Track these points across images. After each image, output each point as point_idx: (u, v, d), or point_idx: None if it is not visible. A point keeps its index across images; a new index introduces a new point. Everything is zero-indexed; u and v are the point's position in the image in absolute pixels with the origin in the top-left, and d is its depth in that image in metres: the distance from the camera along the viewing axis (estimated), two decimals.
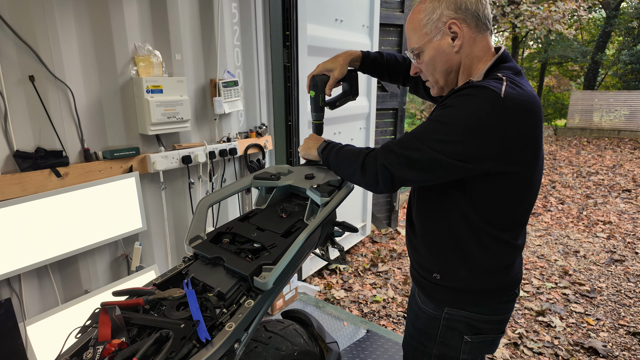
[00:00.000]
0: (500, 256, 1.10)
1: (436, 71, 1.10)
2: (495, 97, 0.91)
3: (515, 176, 1.00)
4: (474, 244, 1.08)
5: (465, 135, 0.93)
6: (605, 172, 7.57)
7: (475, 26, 1.03)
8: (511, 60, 1.05)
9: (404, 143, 1.01)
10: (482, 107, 0.92)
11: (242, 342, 0.95)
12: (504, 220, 1.07)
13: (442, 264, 1.15)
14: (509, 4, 11.06)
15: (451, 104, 0.97)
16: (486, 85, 0.93)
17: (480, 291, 1.12)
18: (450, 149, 0.95)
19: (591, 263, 3.87)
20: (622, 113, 11.67)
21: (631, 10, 14.71)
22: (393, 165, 1.02)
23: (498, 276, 1.12)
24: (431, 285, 1.18)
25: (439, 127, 0.97)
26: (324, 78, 1.36)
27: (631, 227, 4.79)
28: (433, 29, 1.05)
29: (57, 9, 1.62)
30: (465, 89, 0.97)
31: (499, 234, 1.07)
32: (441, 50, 1.06)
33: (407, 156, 1.00)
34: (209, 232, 1.22)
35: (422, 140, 0.98)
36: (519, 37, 15.83)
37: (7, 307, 1.58)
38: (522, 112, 0.93)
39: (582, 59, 16.25)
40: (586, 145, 10.74)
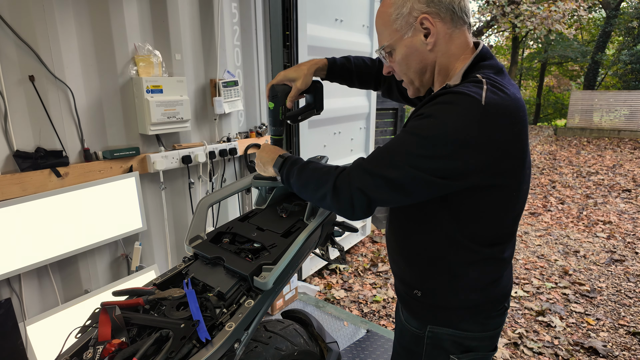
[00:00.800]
0: (486, 272, 1.02)
1: (410, 71, 1.00)
2: (475, 105, 0.82)
3: (502, 188, 0.92)
4: (456, 262, 1.00)
5: (446, 149, 0.83)
6: (605, 172, 7.57)
7: (450, 21, 0.92)
8: (491, 57, 0.96)
9: (379, 161, 0.89)
10: (462, 117, 0.82)
11: (242, 342, 0.95)
12: (489, 235, 0.98)
13: (422, 280, 1.06)
14: (509, 4, 11.07)
15: (429, 113, 0.86)
16: (465, 92, 0.84)
17: (465, 308, 1.04)
18: (432, 165, 0.84)
19: (591, 263, 3.87)
20: (622, 113, 11.67)
21: (631, 10, 14.71)
22: (369, 188, 0.89)
23: (484, 292, 1.03)
24: (413, 302, 1.09)
25: (418, 141, 0.85)
26: (285, 88, 1.21)
27: (631, 227, 4.79)
28: (404, 24, 0.94)
29: (57, 8, 1.62)
30: (442, 96, 0.87)
31: (484, 249, 0.98)
32: (414, 49, 0.96)
33: (385, 176, 0.87)
34: (209, 232, 1.22)
35: (400, 157, 0.87)
36: (519, 37, 15.84)
37: (7, 307, 1.58)
38: (506, 119, 0.84)
39: (582, 58, 16.26)
40: (586, 145, 10.74)
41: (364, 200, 0.91)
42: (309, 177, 1.00)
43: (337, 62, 1.30)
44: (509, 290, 1.10)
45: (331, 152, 3.37)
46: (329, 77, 1.33)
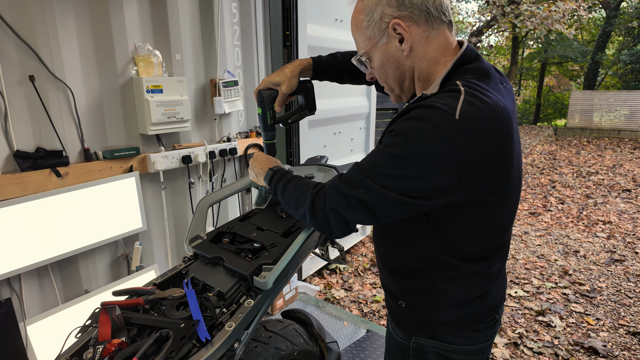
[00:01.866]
0: (470, 288, 0.97)
1: (388, 78, 0.96)
2: (448, 120, 0.76)
3: (483, 204, 0.87)
4: (440, 277, 0.95)
5: (418, 168, 0.79)
6: (605, 172, 7.57)
7: (425, 23, 0.86)
8: (477, 59, 0.88)
9: (351, 180, 0.86)
10: (434, 134, 0.77)
11: (242, 342, 0.95)
12: (472, 251, 0.94)
13: (405, 292, 1.03)
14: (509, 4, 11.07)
15: (399, 130, 0.81)
16: (437, 105, 0.78)
17: (449, 322, 0.99)
18: (404, 185, 0.80)
19: (591, 263, 3.87)
20: (622, 113, 11.67)
21: (631, 10, 14.71)
22: (343, 209, 0.86)
23: (468, 307, 0.98)
24: (398, 312, 1.06)
25: (388, 160, 0.81)
26: (271, 93, 1.21)
27: (631, 226, 4.79)
28: (376, 31, 0.89)
29: (57, 8, 1.62)
30: (414, 110, 0.81)
31: (466, 265, 0.94)
32: (389, 55, 0.91)
33: (356, 197, 0.84)
34: (209, 232, 1.22)
35: (371, 177, 0.83)
36: (519, 37, 15.83)
37: (7, 307, 1.58)
38: (483, 133, 0.78)
39: (582, 58, 16.26)
40: (586, 145, 10.75)
41: (339, 220, 0.89)
42: (290, 195, 0.99)
43: (322, 61, 1.28)
44: (500, 302, 1.05)
45: (331, 152, 3.37)
46: (316, 77, 1.31)
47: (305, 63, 1.25)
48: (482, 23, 13.84)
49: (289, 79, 1.19)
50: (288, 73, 1.20)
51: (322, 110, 3.01)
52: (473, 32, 13.92)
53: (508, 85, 0.92)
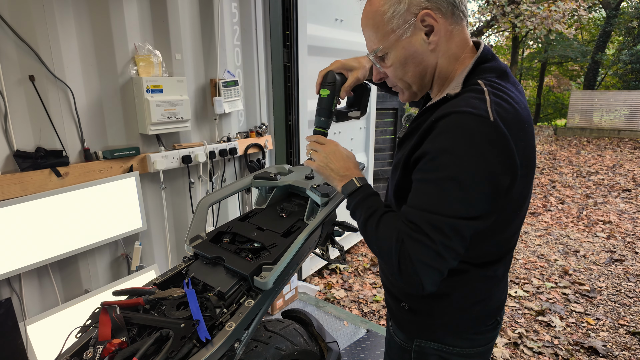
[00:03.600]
0: (474, 291, 0.96)
1: (407, 75, 0.89)
2: (486, 124, 0.73)
3: (518, 203, 0.85)
4: (445, 281, 0.90)
5: (482, 182, 0.75)
6: (605, 172, 7.57)
7: (451, 16, 0.82)
8: (493, 58, 0.87)
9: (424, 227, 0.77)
10: (477, 141, 0.73)
11: (242, 342, 0.95)
12: (483, 255, 0.91)
13: (408, 295, 1.01)
14: (509, 4, 11.07)
15: (440, 148, 0.76)
16: (468, 110, 0.74)
17: (452, 324, 0.98)
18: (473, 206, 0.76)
19: (591, 263, 3.87)
20: (622, 113, 11.67)
21: (631, 10, 14.71)
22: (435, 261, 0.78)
23: (474, 309, 0.97)
24: (400, 314, 1.04)
25: (446, 186, 0.75)
26: (343, 78, 1.12)
27: (631, 226, 4.79)
28: (401, 23, 0.82)
29: (57, 8, 1.62)
30: (443, 121, 0.77)
31: (475, 269, 0.92)
32: (413, 50, 0.85)
33: (442, 242, 0.76)
34: (209, 232, 1.22)
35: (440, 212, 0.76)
36: (519, 37, 15.84)
37: (7, 307, 1.58)
38: (514, 134, 0.76)
39: (582, 58, 16.26)
40: (586, 145, 10.74)
41: (435, 274, 0.79)
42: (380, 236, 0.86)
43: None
44: (502, 304, 1.04)
45: None
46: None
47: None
48: (482, 23, 13.84)
49: (364, 68, 1.12)
50: (364, 62, 1.13)
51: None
52: (473, 32, 13.92)
53: (519, 86, 0.90)
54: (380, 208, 0.91)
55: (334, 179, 1.00)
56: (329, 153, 1.02)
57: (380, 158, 4.52)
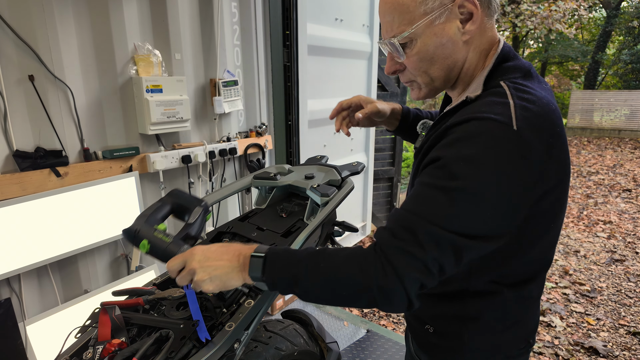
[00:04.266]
0: (510, 313, 0.86)
1: (433, 67, 0.79)
2: (508, 133, 0.65)
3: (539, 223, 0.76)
4: (475, 303, 0.85)
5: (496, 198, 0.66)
6: (606, 172, 7.57)
7: (488, 7, 0.75)
8: (516, 57, 0.78)
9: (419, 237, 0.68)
10: (501, 154, 0.65)
11: (242, 342, 0.95)
12: (516, 274, 0.83)
13: (433, 317, 0.92)
14: (509, 4, 11.07)
15: (454, 156, 0.68)
16: (490, 117, 0.67)
17: (483, 349, 0.90)
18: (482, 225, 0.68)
19: (591, 263, 3.87)
20: (623, 113, 11.67)
21: (631, 9, 14.70)
22: (427, 275, 0.69)
23: (507, 333, 0.89)
24: (423, 336, 0.96)
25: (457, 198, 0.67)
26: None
27: (631, 226, 4.78)
28: (436, 6, 0.73)
29: (56, 8, 1.62)
30: (461, 126, 0.70)
31: (508, 290, 0.83)
32: (446, 38, 0.75)
33: (434, 258, 0.68)
34: (209, 232, 1.22)
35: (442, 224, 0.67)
36: (519, 37, 15.83)
37: (6, 307, 1.58)
38: (547, 142, 0.68)
39: (583, 58, 16.25)
40: (587, 144, 10.74)
41: (417, 288, 0.70)
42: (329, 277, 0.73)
43: (410, 109, 1.17)
44: (536, 326, 0.95)
45: (331, 152, 3.36)
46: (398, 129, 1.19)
47: (396, 106, 1.16)
48: None
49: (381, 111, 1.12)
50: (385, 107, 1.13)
51: (322, 110, 3.01)
52: None
53: (547, 85, 0.82)
54: (313, 250, 0.77)
55: (232, 276, 0.77)
56: (200, 263, 0.77)
57: (380, 158, 4.51)
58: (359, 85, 3.60)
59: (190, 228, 0.86)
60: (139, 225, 0.81)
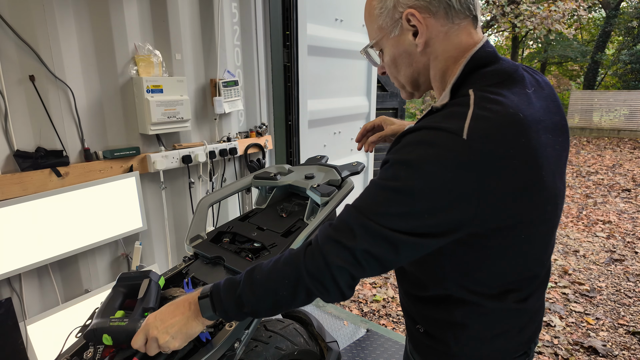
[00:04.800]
0: (498, 323, 0.85)
1: (400, 74, 0.85)
2: (455, 143, 0.65)
3: (505, 235, 0.74)
4: (459, 312, 0.84)
5: (428, 202, 0.67)
6: (605, 172, 7.57)
7: (444, 16, 0.75)
8: (497, 61, 0.76)
9: (351, 229, 0.72)
10: (442, 160, 0.66)
11: (242, 342, 0.95)
12: (494, 285, 0.81)
13: (425, 318, 0.91)
14: (508, 4, 11.07)
15: (399, 159, 0.71)
16: (441, 126, 0.68)
17: (474, 355, 0.88)
18: (414, 224, 0.69)
19: (591, 262, 3.88)
20: (622, 113, 11.67)
21: (631, 10, 14.71)
22: (354, 265, 0.71)
23: (497, 342, 0.87)
24: (416, 336, 0.95)
25: (392, 197, 0.69)
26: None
27: (631, 226, 4.79)
28: (389, 21, 0.78)
29: (57, 8, 1.62)
30: (412, 134, 0.71)
31: (491, 302, 0.82)
32: (402, 50, 0.80)
33: (363, 248, 0.70)
34: (209, 232, 1.22)
35: (375, 219, 0.70)
36: (518, 37, 15.83)
37: (7, 307, 1.58)
38: (499, 153, 0.66)
39: (582, 58, 16.26)
40: (586, 144, 10.75)
41: (348, 278, 0.73)
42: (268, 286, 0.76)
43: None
44: (534, 335, 0.92)
45: (331, 152, 3.37)
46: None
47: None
48: (482, 23, 13.85)
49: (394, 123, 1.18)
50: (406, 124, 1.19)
51: (322, 110, 3.01)
52: None
53: (542, 84, 0.80)
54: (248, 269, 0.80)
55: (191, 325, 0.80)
56: (156, 324, 0.80)
57: (380, 158, 4.52)
58: (359, 85, 3.60)
59: (143, 303, 0.89)
60: (96, 325, 0.83)
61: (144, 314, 0.86)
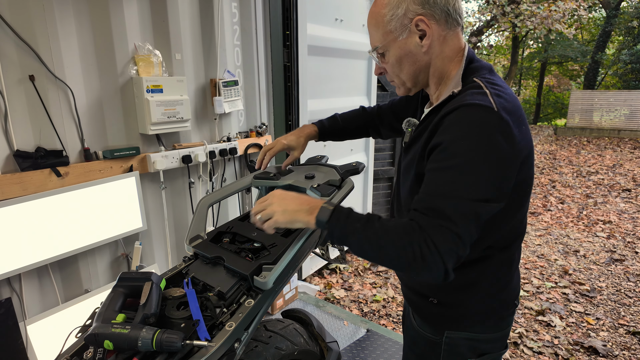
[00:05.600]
0: (501, 276, 1.03)
1: (402, 72, 0.99)
2: (493, 114, 0.81)
3: (520, 192, 0.92)
4: (473, 270, 0.99)
5: (491, 166, 0.80)
6: (605, 172, 7.57)
7: (445, 23, 0.91)
8: (476, 59, 0.97)
9: (447, 211, 0.80)
10: (491, 129, 0.80)
11: (242, 342, 0.95)
12: (502, 239, 0.98)
13: (437, 289, 1.06)
14: (509, 4, 11.06)
15: (454, 138, 0.82)
16: (476, 102, 0.82)
17: (481, 313, 1.04)
18: (486, 190, 0.81)
19: (591, 262, 3.87)
20: (622, 112, 11.67)
21: (631, 9, 14.71)
22: (458, 246, 0.80)
23: (500, 295, 1.05)
24: (428, 309, 1.09)
25: (461, 172, 0.80)
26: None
27: (631, 226, 4.79)
28: (398, 26, 0.92)
29: (57, 8, 1.62)
30: (454, 113, 0.84)
31: (498, 254, 0.99)
32: (408, 50, 0.94)
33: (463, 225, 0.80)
34: (209, 232, 1.22)
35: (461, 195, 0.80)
36: (519, 37, 15.83)
37: (7, 307, 1.58)
38: (516, 122, 0.83)
39: (582, 58, 16.26)
40: (586, 144, 10.74)
41: (457, 260, 0.82)
42: (385, 239, 0.84)
43: (325, 126, 1.39)
44: (519, 291, 1.11)
45: (331, 151, 3.37)
46: (321, 139, 1.42)
47: (312, 131, 1.37)
48: (482, 23, 13.84)
49: (302, 146, 1.35)
50: (302, 141, 1.34)
51: (322, 110, 3.01)
52: (473, 32, 13.91)
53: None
54: (371, 215, 0.89)
55: (301, 214, 0.93)
56: (278, 200, 0.97)
57: (380, 158, 4.51)
58: (359, 85, 3.60)
59: (144, 309, 0.89)
60: (97, 329, 0.84)
61: (145, 320, 0.87)
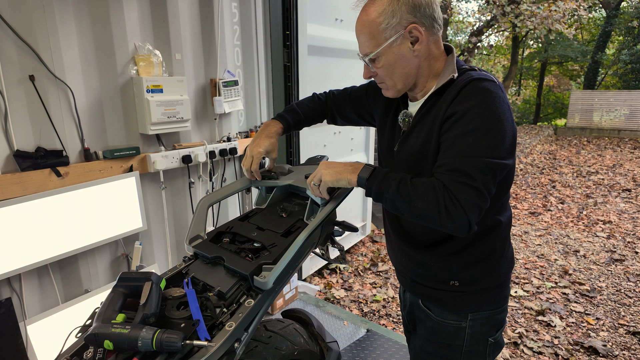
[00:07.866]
0: (506, 242, 1.15)
1: (394, 75, 1.07)
2: (497, 86, 0.97)
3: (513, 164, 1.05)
4: (486, 239, 1.10)
5: (504, 127, 0.94)
6: (605, 172, 7.57)
7: (432, 29, 1.03)
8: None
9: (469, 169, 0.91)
10: (499, 98, 0.95)
11: (242, 342, 0.95)
12: (504, 209, 1.12)
13: (458, 269, 1.13)
14: (509, 4, 11.06)
15: (470, 107, 0.95)
16: (484, 76, 0.98)
17: (498, 285, 1.14)
18: (501, 149, 0.94)
19: (591, 262, 3.87)
20: (622, 112, 11.66)
21: (631, 9, 14.70)
22: (481, 199, 0.92)
23: (506, 263, 1.15)
24: (449, 295, 1.15)
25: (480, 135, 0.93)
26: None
27: (631, 226, 4.79)
28: (393, 33, 1.00)
29: (57, 8, 1.62)
30: (468, 86, 0.97)
31: (504, 222, 1.11)
32: (401, 55, 1.03)
33: (483, 182, 0.92)
34: (209, 232, 1.22)
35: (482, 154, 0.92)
36: (519, 37, 15.82)
37: (7, 307, 1.58)
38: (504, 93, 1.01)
39: (582, 58, 16.25)
40: (586, 144, 10.74)
41: (479, 213, 0.93)
42: (415, 195, 0.95)
43: (289, 121, 1.41)
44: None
45: (331, 151, 3.37)
46: (285, 133, 1.44)
47: (278, 128, 1.37)
48: (482, 23, 13.82)
49: (277, 147, 1.35)
50: (275, 142, 1.34)
51: None
52: (473, 32, 13.90)
53: None
54: (404, 174, 1.01)
55: (345, 173, 1.06)
56: (326, 166, 1.10)
57: None
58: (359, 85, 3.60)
59: (144, 309, 0.89)
60: (97, 329, 0.83)
61: (145, 320, 0.87)
